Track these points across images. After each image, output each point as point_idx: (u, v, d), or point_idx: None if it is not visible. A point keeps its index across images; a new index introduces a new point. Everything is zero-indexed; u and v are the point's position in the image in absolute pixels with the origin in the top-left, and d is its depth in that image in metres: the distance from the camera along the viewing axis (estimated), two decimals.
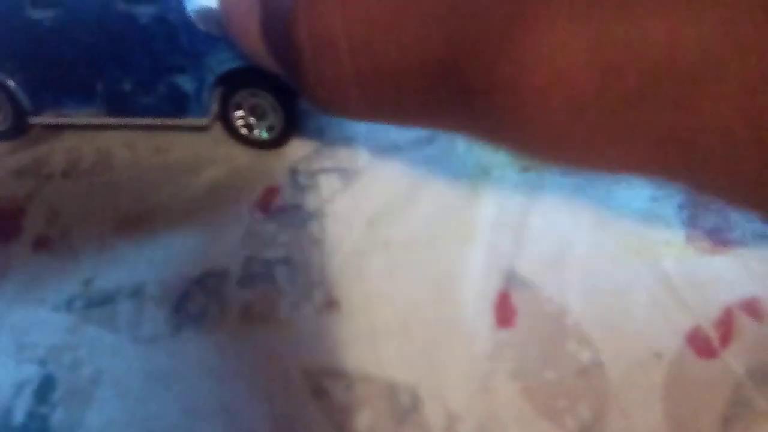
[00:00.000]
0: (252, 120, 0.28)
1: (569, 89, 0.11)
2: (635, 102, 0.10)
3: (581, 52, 0.10)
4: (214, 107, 0.28)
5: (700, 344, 0.21)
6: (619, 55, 0.10)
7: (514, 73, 0.11)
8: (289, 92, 0.27)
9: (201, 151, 0.29)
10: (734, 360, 0.20)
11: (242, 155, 0.28)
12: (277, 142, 0.28)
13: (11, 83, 0.28)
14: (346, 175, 0.27)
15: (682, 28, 0.10)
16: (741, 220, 0.24)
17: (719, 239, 0.23)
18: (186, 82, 0.26)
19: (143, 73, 0.27)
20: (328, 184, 0.27)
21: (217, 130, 0.29)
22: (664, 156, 0.11)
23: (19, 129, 0.30)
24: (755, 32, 0.09)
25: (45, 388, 0.22)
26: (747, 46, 0.09)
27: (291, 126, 0.28)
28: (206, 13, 0.24)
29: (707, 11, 0.09)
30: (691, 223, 0.24)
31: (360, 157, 0.27)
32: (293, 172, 0.27)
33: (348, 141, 0.28)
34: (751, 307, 0.21)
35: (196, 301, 0.23)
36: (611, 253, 0.23)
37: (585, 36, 0.10)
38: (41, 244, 0.26)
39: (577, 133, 0.11)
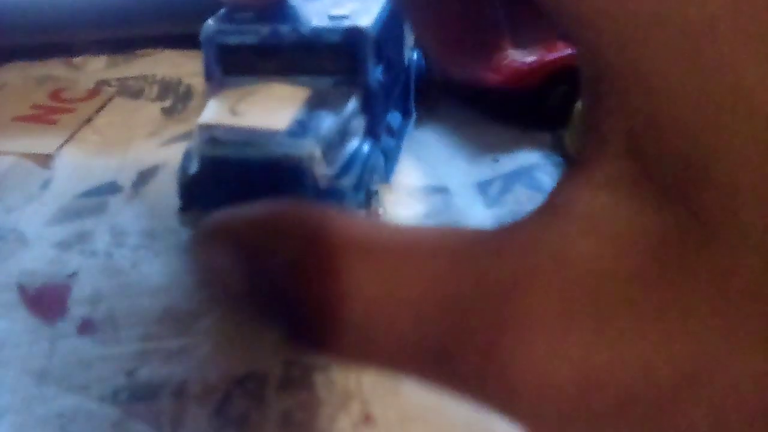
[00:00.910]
0: None
1: (551, 398, 0.12)
2: (612, 417, 0.11)
3: (563, 368, 0.12)
4: None
5: None
6: (597, 375, 0.11)
7: (503, 374, 0.12)
8: None
9: None
10: None
11: None
12: None
13: None
14: None
15: (654, 352, 0.11)
16: None
17: None
18: None
19: None
20: None
21: None
22: None
23: None
24: (718, 351, 0.11)
25: None
26: (715, 365, 0.11)
27: None
28: None
29: (676, 335, 0.11)
30: None
31: None
32: None
33: None
34: None
35: (238, 405, 0.24)
36: None
37: (566, 353, 0.12)
38: (85, 327, 0.27)
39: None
